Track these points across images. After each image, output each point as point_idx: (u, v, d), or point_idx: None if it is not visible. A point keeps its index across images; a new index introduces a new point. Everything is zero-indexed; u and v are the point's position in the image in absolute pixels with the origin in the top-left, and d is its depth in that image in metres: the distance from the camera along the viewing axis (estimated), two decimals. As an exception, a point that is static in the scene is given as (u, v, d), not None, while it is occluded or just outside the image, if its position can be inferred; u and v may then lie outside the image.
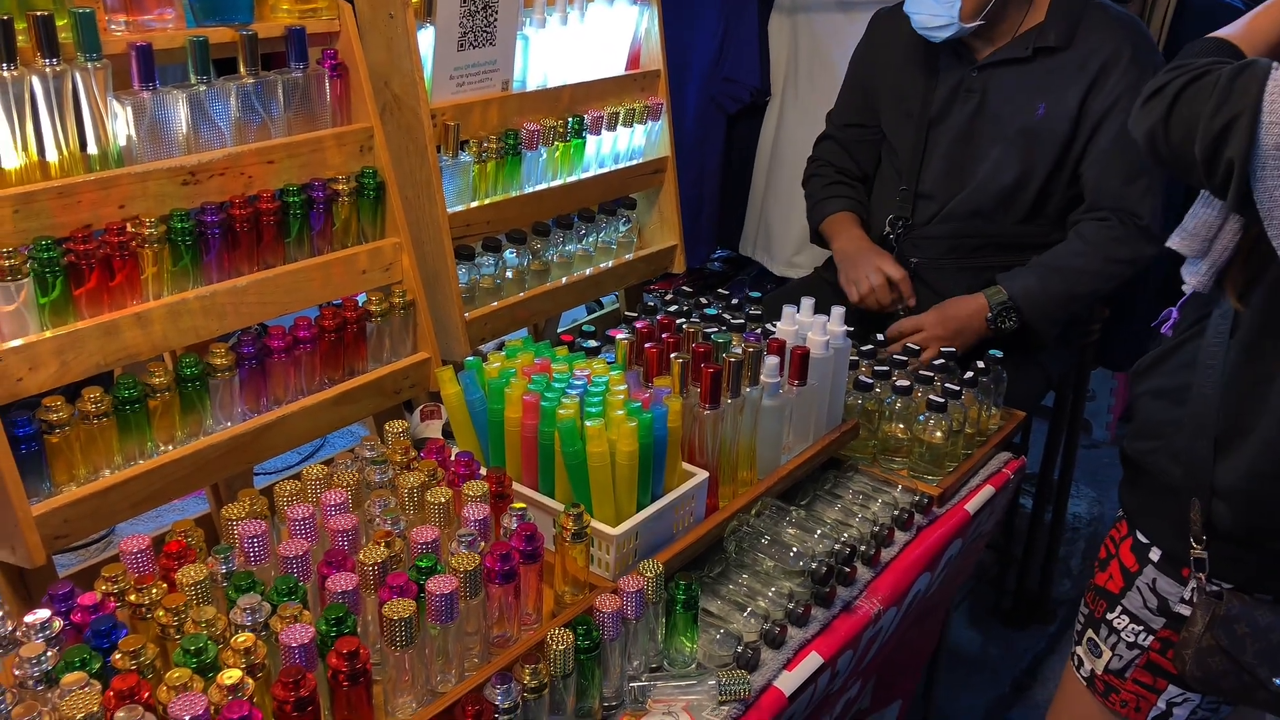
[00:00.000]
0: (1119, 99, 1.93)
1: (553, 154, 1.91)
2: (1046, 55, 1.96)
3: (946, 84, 2.05)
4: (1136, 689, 1.48)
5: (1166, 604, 1.43)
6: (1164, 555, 1.44)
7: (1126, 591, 1.48)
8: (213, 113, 1.41)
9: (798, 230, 2.90)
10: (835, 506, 1.61)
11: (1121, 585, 1.49)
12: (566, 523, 1.22)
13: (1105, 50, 1.93)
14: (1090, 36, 1.95)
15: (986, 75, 2.01)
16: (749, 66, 2.78)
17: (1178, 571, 1.42)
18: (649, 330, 1.58)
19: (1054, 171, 2.00)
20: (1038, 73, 1.97)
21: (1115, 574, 1.51)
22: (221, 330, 1.43)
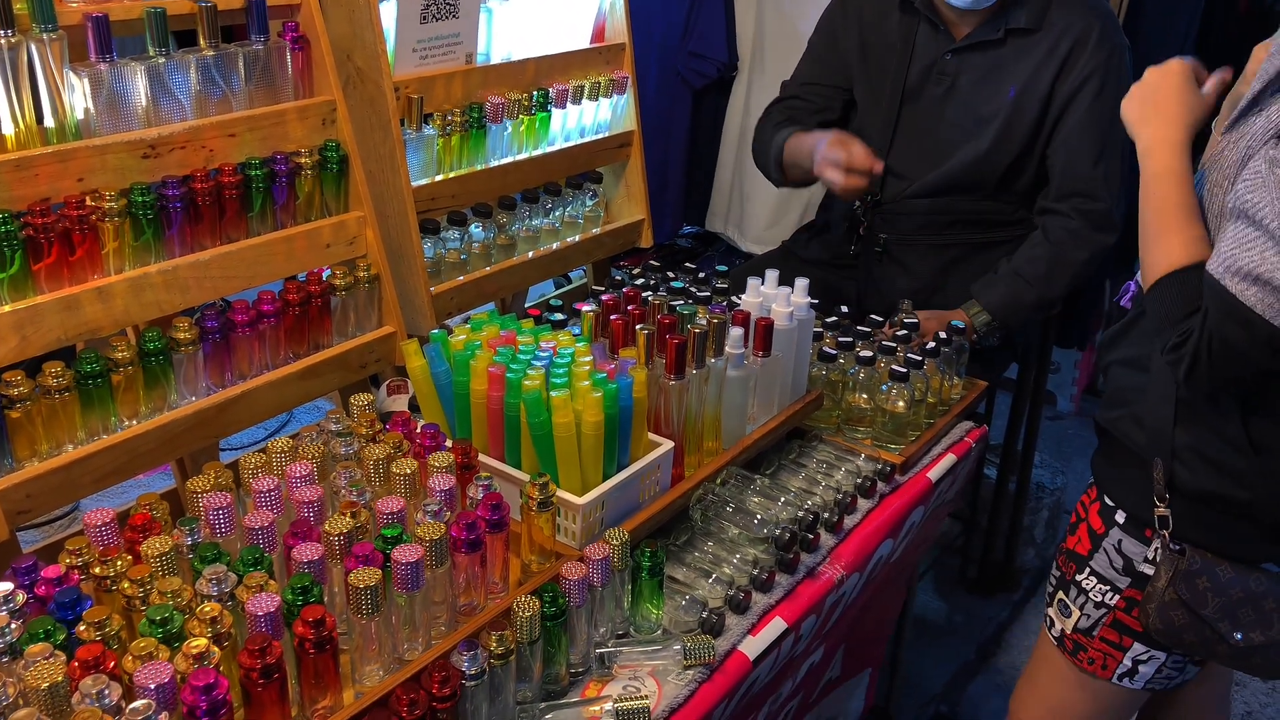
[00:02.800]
0: (1087, 79, 1.94)
1: (518, 128, 1.91)
2: (1018, 36, 1.97)
3: (921, 62, 2.05)
4: (1104, 647, 1.52)
5: (1131, 564, 1.47)
6: (1129, 517, 1.48)
7: (1094, 553, 1.52)
8: (172, 85, 1.40)
9: (766, 206, 2.91)
10: (799, 475, 1.63)
11: (1090, 548, 1.53)
12: (532, 492, 1.23)
13: (1074, 31, 1.94)
14: (1059, 18, 1.96)
15: (960, 59, 2.02)
16: (716, 42, 2.78)
17: (1141, 533, 1.46)
18: (615, 303, 1.59)
19: (1024, 151, 2.02)
20: (1009, 54, 1.98)
21: (1084, 537, 1.55)
22: (185, 304, 1.43)
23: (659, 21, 2.80)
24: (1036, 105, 1.97)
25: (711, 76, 2.84)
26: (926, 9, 2.02)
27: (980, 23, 2.00)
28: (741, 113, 2.91)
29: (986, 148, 2.01)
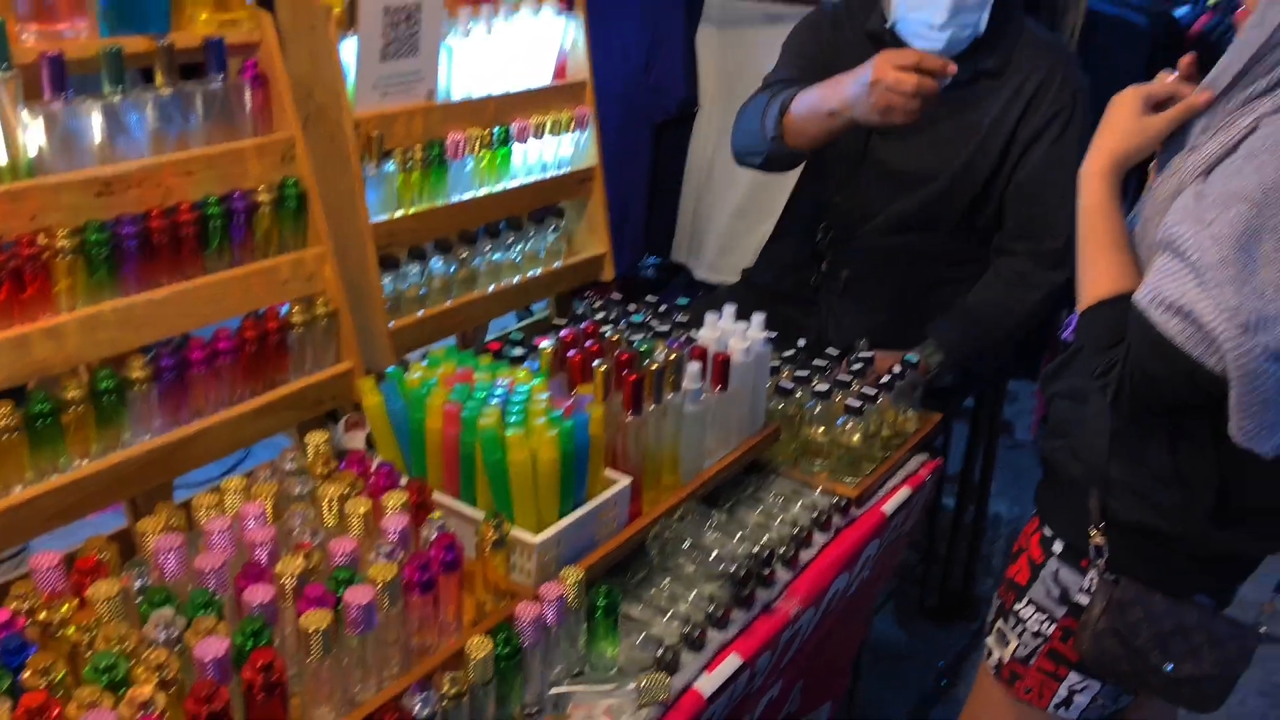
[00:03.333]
0: (1050, 121, 1.98)
1: (479, 163, 1.92)
2: (986, 78, 2.00)
3: None
4: (1040, 676, 1.54)
5: (1067, 593, 1.50)
6: (1066, 547, 1.51)
7: (1032, 582, 1.55)
8: (128, 123, 1.40)
9: (726, 238, 2.94)
10: (757, 510, 1.65)
11: (1029, 577, 1.56)
12: (487, 531, 1.24)
13: (1039, 74, 1.98)
14: (1024, 62, 1.99)
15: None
16: (675, 78, 2.81)
17: (1078, 562, 1.48)
18: (573, 338, 1.60)
19: (985, 190, 2.05)
20: (977, 95, 2.01)
21: (1024, 566, 1.57)
22: (139, 343, 1.42)
23: (620, 57, 2.83)
24: (1000, 145, 2.00)
25: (671, 112, 2.87)
26: (894, 43, 2.01)
27: None
28: (703, 148, 2.95)
29: (949, 185, 2.04)
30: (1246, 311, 1.14)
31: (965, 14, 1.89)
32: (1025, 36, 2.01)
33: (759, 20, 2.77)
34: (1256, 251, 1.15)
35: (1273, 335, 1.15)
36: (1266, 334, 1.15)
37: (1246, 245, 1.15)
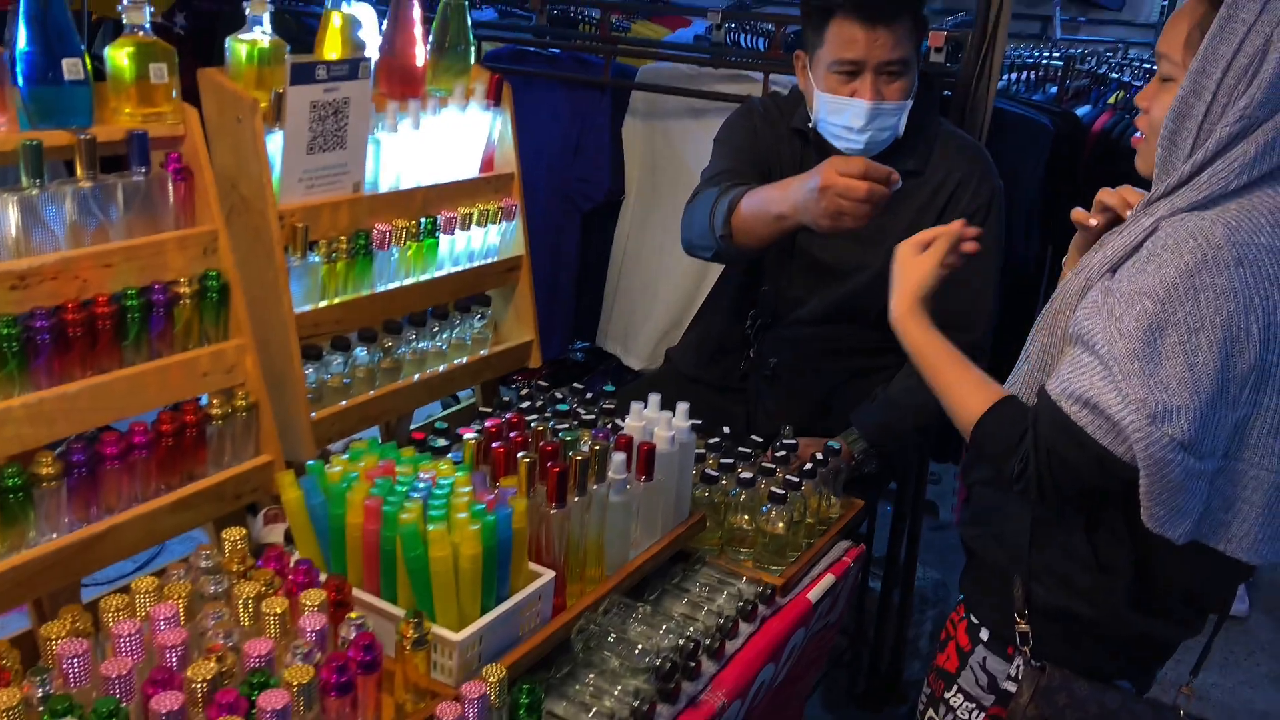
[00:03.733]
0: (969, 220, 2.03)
1: (405, 253, 1.93)
2: (906, 178, 2.05)
3: None
4: None
5: (995, 681, 1.51)
6: (992, 635, 1.53)
7: (961, 670, 1.56)
8: (46, 216, 1.38)
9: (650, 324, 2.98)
10: (683, 600, 1.64)
11: (957, 665, 1.57)
12: (406, 630, 1.22)
13: (957, 174, 2.05)
14: (944, 162, 2.06)
15: None
16: (601, 168, 2.88)
17: (1004, 650, 1.50)
18: (497, 429, 1.60)
19: None
20: (897, 194, 2.06)
21: (952, 654, 1.59)
22: (51, 438, 1.39)
23: (547, 146, 2.89)
24: None
25: (598, 201, 2.93)
26: (818, 141, 2.07)
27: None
28: (627, 235, 3.00)
29: (872, 280, 2.08)
30: (1153, 403, 1.20)
31: (882, 119, 1.95)
32: (944, 139, 2.09)
33: (683, 114, 2.85)
34: (1160, 345, 1.21)
35: (1178, 426, 1.20)
36: (1172, 424, 1.20)
37: (1151, 340, 1.21)
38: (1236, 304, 1.18)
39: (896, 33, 1.87)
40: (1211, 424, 1.21)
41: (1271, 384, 1.21)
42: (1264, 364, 1.20)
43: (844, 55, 1.90)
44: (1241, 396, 1.21)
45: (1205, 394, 1.20)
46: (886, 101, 1.93)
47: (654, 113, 2.91)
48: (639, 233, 2.98)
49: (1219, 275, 1.18)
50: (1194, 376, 1.20)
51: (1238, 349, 1.19)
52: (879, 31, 1.86)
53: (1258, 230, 1.19)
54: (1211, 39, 1.22)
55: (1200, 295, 1.18)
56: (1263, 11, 1.19)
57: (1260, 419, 1.22)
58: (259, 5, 1.66)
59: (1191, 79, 1.24)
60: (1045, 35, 4.93)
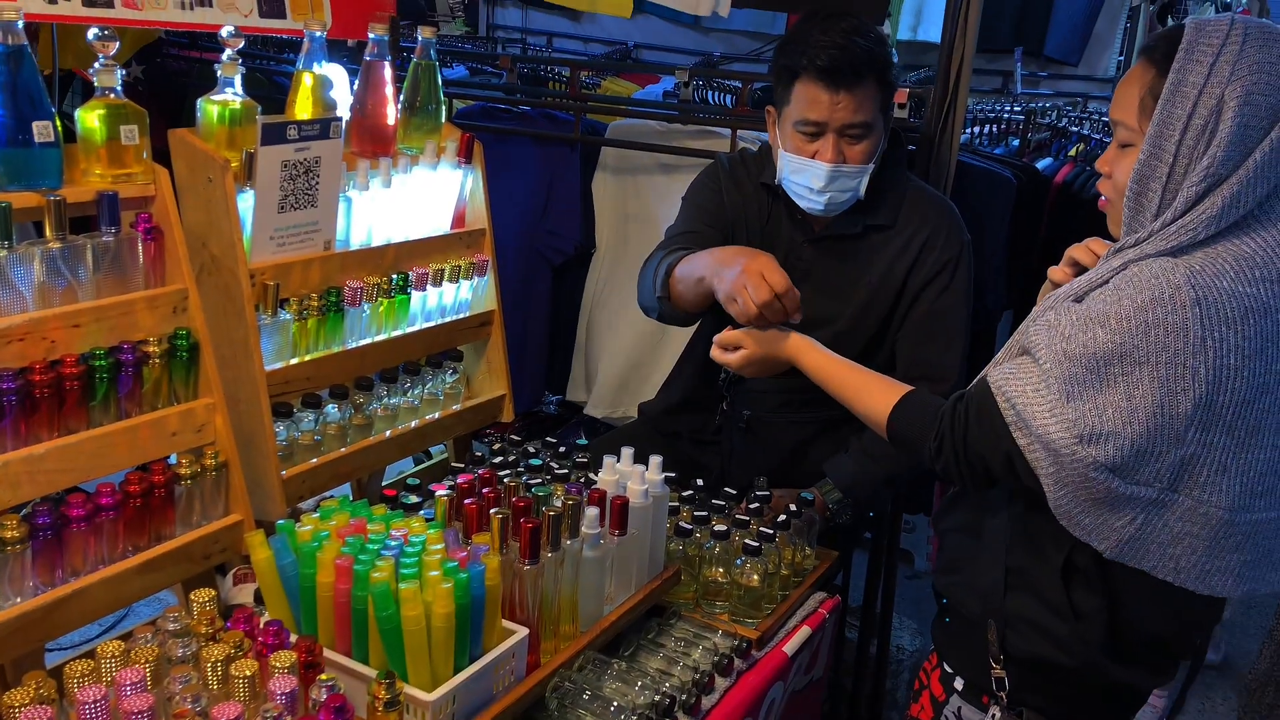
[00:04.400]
0: (938, 273, 2.06)
1: (376, 309, 1.93)
2: (875, 232, 2.08)
3: (782, 248, 2.12)
4: None
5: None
6: (966, 684, 1.52)
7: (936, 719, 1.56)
8: (14, 277, 1.38)
9: (612, 371, 2.99)
10: (658, 655, 1.63)
11: (931, 715, 1.56)
12: (378, 691, 1.20)
13: (926, 229, 2.07)
14: (912, 216, 2.08)
15: (820, 248, 2.11)
16: (571, 223, 2.90)
17: (979, 699, 1.50)
18: (470, 485, 1.59)
19: (877, 337, 2.12)
20: (866, 248, 2.09)
21: (926, 704, 1.58)
22: (15, 500, 1.37)
23: (518, 201, 2.91)
24: (890, 296, 2.08)
25: (569, 254, 2.95)
26: (786, 196, 2.08)
27: (840, 217, 2.07)
28: (596, 288, 3.02)
29: (842, 333, 2.09)
30: (1084, 426, 1.24)
31: (842, 180, 1.97)
32: (913, 194, 2.11)
33: (652, 169, 2.89)
34: (1104, 373, 1.24)
35: (1104, 450, 1.23)
36: (1098, 448, 1.24)
37: (1095, 366, 1.24)
38: (1186, 343, 1.20)
39: (859, 96, 1.89)
40: (1148, 455, 1.23)
41: (1220, 424, 1.23)
42: (1213, 404, 1.22)
43: (808, 116, 1.93)
44: (1187, 435, 1.22)
45: (1140, 426, 1.22)
46: (848, 164, 1.95)
47: (623, 168, 2.94)
48: (608, 285, 3.00)
49: (1173, 313, 1.21)
50: (1130, 407, 1.22)
51: (1181, 387, 1.21)
52: (842, 95, 1.88)
53: (1220, 275, 1.22)
54: (1165, 104, 1.26)
55: (1151, 331, 1.21)
56: (1210, 74, 1.23)
57: (1210, 457, 1.24)
58: (230, 67, 1.68)
59: (1151, 143, 1.27)
60: (1006, 89, 5.04)
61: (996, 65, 5.19)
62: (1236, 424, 1.23)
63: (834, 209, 2.02)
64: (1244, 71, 1.21)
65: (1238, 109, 1.21)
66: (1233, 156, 1.23)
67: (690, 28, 5.71)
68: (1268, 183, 1.23)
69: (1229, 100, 1.22)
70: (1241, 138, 1.22)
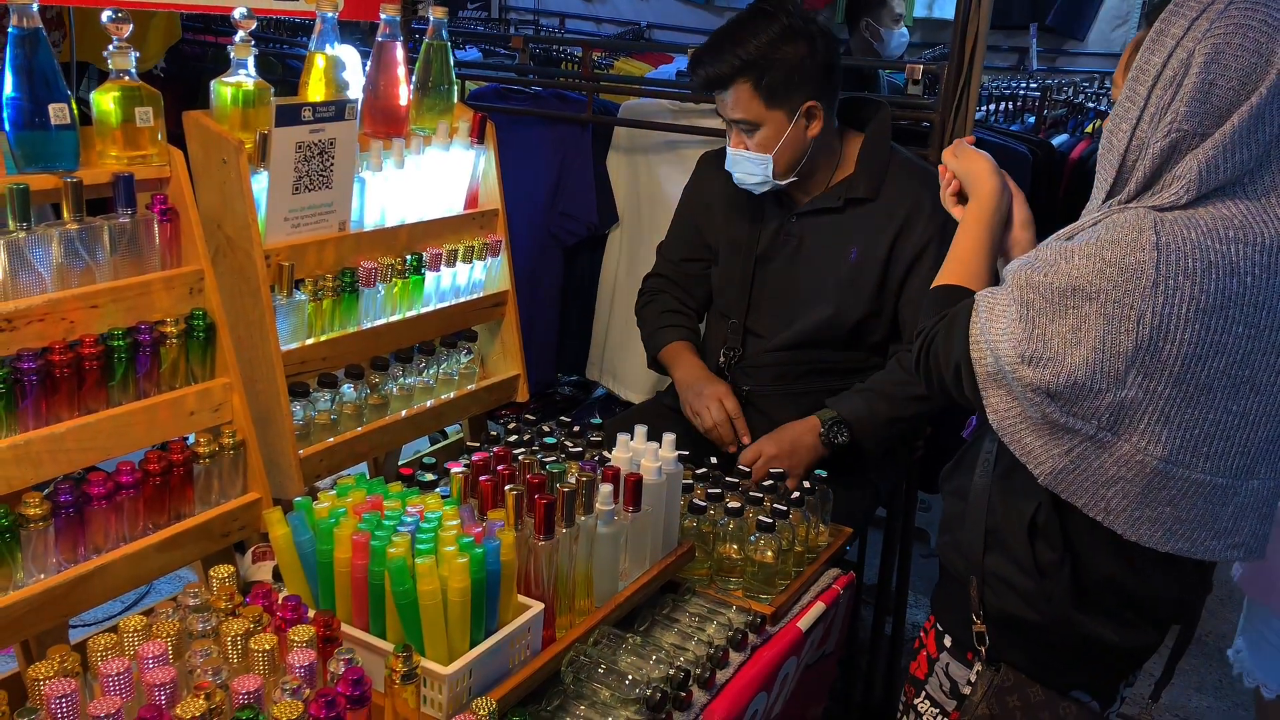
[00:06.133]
0: (926, 244, 2.09)
1: (391, 290, 1.94)
2: (857, 205, 2.13)
3: (769, 227, 2.19)
4: None
5: (956, 686, 1.53)
6: (954, 641, 1.54)
7: (929, 676, 1.58)
8: (33, 259, 1.40)
9: (639, 356, 2.99)
10: (673, 630, 1.64)
11: (925, 671, 1.59)
12: (395, 664, 1.22)
13: (908, 201, 2.10)
14: (894, 188, 2.12)
15: (804, 223, 2.16)
16: (585, 203, 2.90)
17: (964, 655, 1.52)
18: (484, 462, 1.61)
19: (871, 310, 2.14)
20: (849, 221, 2.13)
21: (923, 662, 1.60)
22: (38, 479, 1.39)
23: (531, 182, 2.91)
24: (878, 267, 2.10)
25: (582, 235, 2.95)
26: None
27: (820, 192, 2.15)
28: (615, 268, 3.02)
29: (834, 307, 2.13)
30: (1027, 347, 1.26)
31: (745, 165, 2.10)
32: (896, 166, 2.14)
33: (663, 149, 2.89)
34: (1059, 305, 1.25)
35: (1041, 374, 1.25)
36: (1036, 370, 1.26)
37: (1052, 297, 1.26)
38: (1137, 285, 1.20)
39: (733, 98, 2.04)
40: (1086, 390, 1.24)
41: (1165, 374, 1.22)
42: (1158, 351, 1.21)
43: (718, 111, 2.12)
44: (1128, 378, 1.22)
45: (1080, 358, 1.23)
46: (746, 151, 2.09)
47: (636, 147, 2.94)
48: (627, 265, 3.00)
49: (1131, 254, 1.21)
50: (1074, 339, 1.24)
51: (1124, 327, 1.21)
52: (722, 98, 2.07)
53: (1190, 227, 1.22)
54: (1143, 52, 1.28)
55: (1107, 269, 1.22)
56: (1190, 27, 1.23)
57: (1152, 406, 1.24)
58: (243, 49, 1.69)
59: (1128, 86, 1.30)
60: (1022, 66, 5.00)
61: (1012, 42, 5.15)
62: (1185, 377, 1.22)
63: (752, 187, 2.15)
64: (1220, 29, 1.21)
65: (1203, 65, 1.21)
66: (1196, 113, 1.22)
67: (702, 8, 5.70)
68: (1248, 150, 1.22)
69: (1197, 55, 1.22)
70: (1205, 95, 1.22)
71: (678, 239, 2.41)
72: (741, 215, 2.24)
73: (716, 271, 2.31)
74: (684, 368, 2.27)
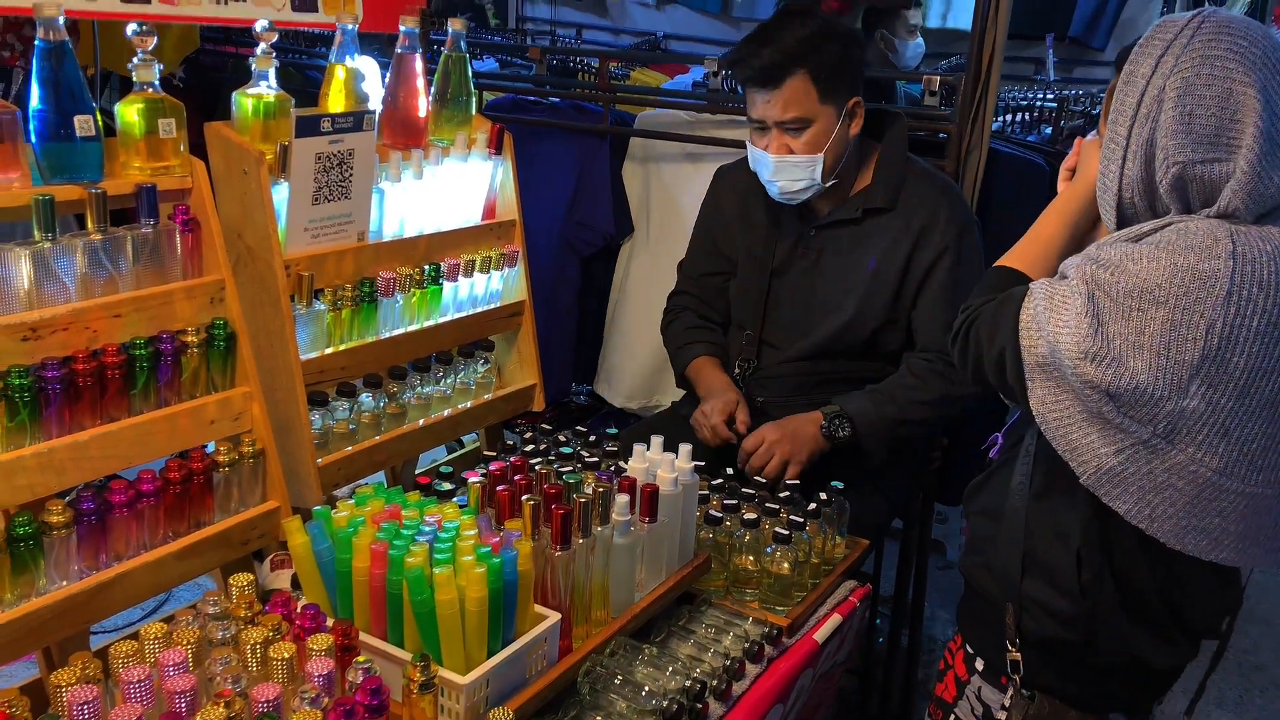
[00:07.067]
0: (943, 253, 2.09)
1: (409, 300, 1.95)
2: (875, 215, 2.13)
3: (788, 239, 2.20)
4: None
5: (989, 711, 1.52)
6: (986, 665, 1.53)
7: (959, 700, 1.57)
8: (58, 268, 1.41)
9: (635, 363, 3.00)
10: (689, 641, 1.64)
11: (955, 695, 1.57)
12: (413, 674, 1.22)
13: (925, 211, 2.10)
14: (911, 198, 2.12)
15: (823, 235, 2.17)
16: (602, 214, 2.91)
17: (998, 680, 1.51)
18: (502, 472, 1.61)
19: (888, 319, 2.14)
20: (867, 231, 2.13)
21: (950, 684, 1.59)
22: (61, 486, 1.41)
23: (548, 192, 2.92)
24: (895, 277, 2.11)
25: (598, 245, 2.96)
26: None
27: (839, 203, 2.15)
28: (623, 278, 3.03)
29: (851, 316, 2.14)
30: (1090, 344, 1.24)
31: (790, 170, 2.06)
32: (913, 176, 2.14)
33: (679, 159, 2.89)
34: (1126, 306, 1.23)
35: (1102, 372, 1.23)
36: (1097, 368, 1.23)
37: (1120, 298, 1.24)
38: (1209, 294, 1.19)
39: (787, 94, 1.99)
40: (1147, 395, 1.22)
41: (1231, 386, 1.21)
42: (1225, 362, 1.20)
43: (751, 114, 2.07)
44: (1190, 387, 1.21)
45: (1143, 362, 1.21)
46: (793, 155, 2.04)
47: (652, 158, 2.95)
48: (635, 275, 3.01)
49: (1205, 261, 1.20)
50: (1137, 343, 1.22)
51: (1191, 336, 1.20)
52: (769, 94, 2.00)
53: (1266, 239, 1.22)
54: (1118, 94, 1.31)
55: (1179, 274, 1.21)
56: (1156, 66, 1.27)
57: (1214, 419, 1.22)
58: (264, 60, 1.70)
59: (1110, 129, 1.32)
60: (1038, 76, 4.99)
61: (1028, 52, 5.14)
62: (1249, 391, 1.21)
63: (792, 196, 2.10)
64: (1187, 62, 1.24)
65: (1177, 99, 1.24)
66: (1185, 144, 1.24)
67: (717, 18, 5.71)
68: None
69: (1169, 91, 1.25)
70: (1187, 125, 1.23)
71: (697, 254, 2.40)
72: (758, 228, 2.24)
73: (734, 283, 2.32)
74: (705, 382, 2.27)
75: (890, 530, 2.63)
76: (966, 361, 1.44)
